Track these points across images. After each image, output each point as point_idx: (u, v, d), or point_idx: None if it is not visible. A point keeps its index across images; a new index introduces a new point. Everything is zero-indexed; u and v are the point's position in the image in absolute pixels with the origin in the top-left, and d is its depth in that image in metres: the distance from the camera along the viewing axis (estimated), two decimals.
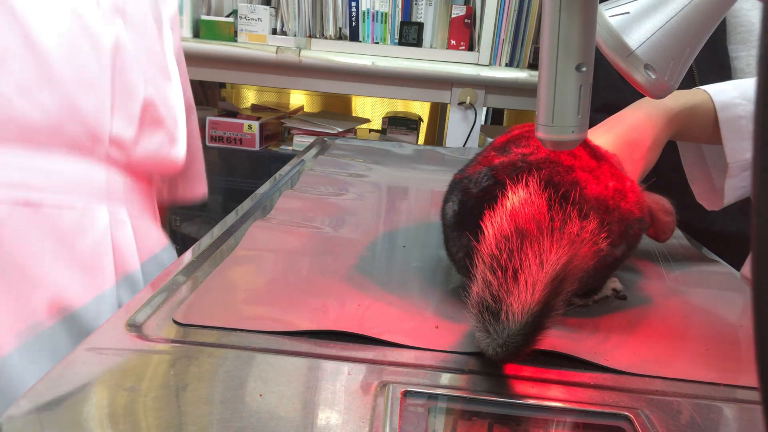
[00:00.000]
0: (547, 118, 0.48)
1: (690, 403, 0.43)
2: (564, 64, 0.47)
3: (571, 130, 0.48)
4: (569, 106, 0.48)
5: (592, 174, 0.53)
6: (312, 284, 0.58)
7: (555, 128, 0.48)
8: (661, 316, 0.58)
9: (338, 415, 0.38)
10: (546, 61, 0.47)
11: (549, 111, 0.48)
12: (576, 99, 0.48)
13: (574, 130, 0.48)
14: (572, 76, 0.47)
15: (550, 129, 0.49)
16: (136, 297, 0.52)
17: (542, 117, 0.49)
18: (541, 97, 0.49)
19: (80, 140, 0.68)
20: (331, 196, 0.89)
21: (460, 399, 0.42)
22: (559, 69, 0.47)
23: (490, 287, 0.42)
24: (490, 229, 0.44)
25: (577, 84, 0.47)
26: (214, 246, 0.66)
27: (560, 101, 0.48)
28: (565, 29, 0.46)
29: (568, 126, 0.48)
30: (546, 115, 0.48)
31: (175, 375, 0.41)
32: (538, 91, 0.49)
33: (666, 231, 0.67)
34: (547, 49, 0.47)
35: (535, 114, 0.50)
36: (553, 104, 0.48)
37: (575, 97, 0.48)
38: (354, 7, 1.85)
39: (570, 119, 0.48)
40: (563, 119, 0.48)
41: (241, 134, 1.94)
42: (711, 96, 0.73)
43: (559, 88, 0.48)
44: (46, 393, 0.38)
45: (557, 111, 0.48)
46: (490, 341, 0.43)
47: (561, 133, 0.48)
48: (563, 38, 0.46)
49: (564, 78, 0.47)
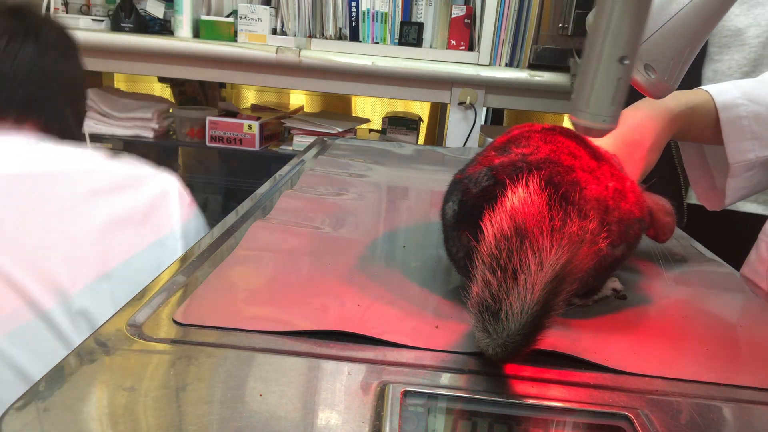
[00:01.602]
0: (583, 103, 0.50)
1: (690, 403, 0.43)
2: (608, 54, 0.48)
3: (602, 119, 0.50)
4: (605, 95, 0.49)
5: (593, 174, 0.53)
6: (312, 284, 0.58)
7: (588, 114, 0.50)
8: (661, 316, 0.58)
9: (338, 415, 0.38)
10: (592, 48, 0.49)
11: (586, 97, 0.50)
12: (613, 90, 0.49)
13: (605, 120, 0.50)
14: (614, 67, 0.48)
15: (584, 114, 0.50)
16: (136, 297, 0.52)
17: (578, 101, 0.51)
18: (581, 82, 0.50)
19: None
20: (331, 196, 0.89)
21: (460, 399, 0.42)
22: (603, 58, 0.48)
23: (490, 287, 0.42)
24: (490, 229, 0.44)
25: (616, 75, 0.49)
26: (214, 246, 0.66)
27: (598, 90, 0.49)
28: (617, 20, 0.47)
29: (601, 114, 0.50)
30: (582, 100, 0.50)
31: (175, 375, 0.41)
32: (579, 75, 0.51)
33: (666, 232, 0.67)
34: (595, 36, 0.48)
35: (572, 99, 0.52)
36: (591, 91, 0.50)
37: (613, 88, 0.49)
38: (354, 7, 1.85)
39: (604, 108, 0.50)
40: (598, 107, 0.50)
41: (241, 134, 1.94)
42: (712, 96, 0.73)
43: (599, 76, 0.49)
44: (46, 393, 0.38)
45: (593, 98, 0.50)
46: (490, 341, 0.43)
47: (593, 120, 0.50)
48: (613, 29, 0.47)
49: (606, 68, 0.49)
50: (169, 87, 2.38)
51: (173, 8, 1.86)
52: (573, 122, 0.51)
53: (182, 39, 1.83)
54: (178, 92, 2.34)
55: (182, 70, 1.89)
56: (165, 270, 0.58)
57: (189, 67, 1.88)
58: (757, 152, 0.73)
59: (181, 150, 2.27)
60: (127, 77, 2.44)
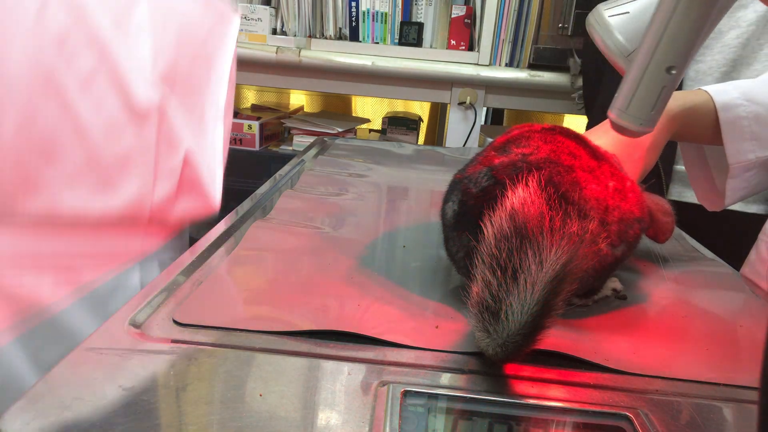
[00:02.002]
0: (624, 103, 0.51)
1: (690, 403, 0.43)
2: (658, 61, 0.48)
3: (640, 122, 0.51)
4: (647, 101, 0.50)
5: (592, 174, 0.53)
6: (312, 284, 0.58)
7: (627, 115, 0.51)
8: (661, 316, 0.58)
9: (338, 415, 0.38)
10: (643, 51, 0.49)
11: (628, 98, 0.50)
12: (655, 97, 0.50)
13: (642, 123, 0.51)
14: (660, 76, 0.49)
15: (623, 114, 0.51)
16: (136, 297, 0.52)
17: (620, 101, 0.51)
18: (626, 81, 0.51)
19: (122, 222, 0.69)
20: (331, 196, 0.89)
21: (460, 399, 0.42)
22: (651, 64, 0.49)
23: (490, 287, 0.42)
24: (490, 228, 0.44)
25: (661, 84, 0.49)
26: (214, 246, 0.66)
27: (641, 94, 0.50)
28: (673, 29, 0.47)
29: (639, 117, 0.51)
30: (624, 101, 0.51)
31: (175, 375, 0.41)
32: (626, 74, 0.51)
33: (665, 232, 0.67)
34: (649, 41, 0.48)
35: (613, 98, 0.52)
36: (633, 94, 0.50)
37: (656, 95, 0.50)
38: (354, 7, 1.85)
39: (643, 113, 0.50)
40: (638, 110, 0.50)
41: (241, 134, 1.94)
42: (712, 96, 0.73)
43: (645, 81, 0.49)
44: (46, 393, 0.38)
45: (635, 101, 0.50)
46: (490, 341, 0.43)
47: (631, 121, 0.51)
48: (667, 37, 0.47)
49: (652, 75, 0.49)
50: None
51: None
52: (611, 119, 0.52)
53: None
54: None
55: None
56: (165, 270, 0.58)
57: None
58: (757, 153, 0.73)
59: None
60: None
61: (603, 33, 0.54)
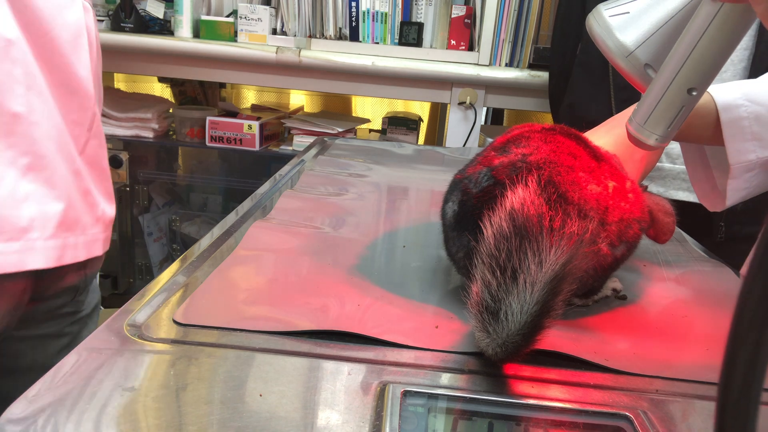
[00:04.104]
0: (643, 117, 0.52)
1: (690, 403, 0.43)
2: (680, 82, 0.49)
3: (655, 138, 0.52)
4: (665, 118, 0.51)
5: (593, 174, 0.53)
6: (312, 284, 0.58)
7: (643, 129, 0.52)
8: (661, 316, 0.58)
9: (338, 415, 0.38)
10: (667, 71, 0.50)
11: (646, 113, 0.52)
12: (673, 115, 0.51)
13: (657, 139, 0.52)
14: (681, 96, 0.50)
15: (639, 128, 0.53)
16: (136, 297, 0.52)
17: (639, 114, 0.53)
18: (647, 97, 0.52)
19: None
20: (331, 196, 0.89)
21: (460, 399, 0.42)
22: (673, 84, 0.50)
23: (490, 287, 0.42)
24: (490, 229, 0.44)
25: (681, 103, 0.50)
26: (214, 246, 0.66)
27: (659, 111, 0.51)
28: (700, 52, 0.48)
29: (654, 133, 0.52)
30: (643, 115, 0.52)
31: (175, 375, 0.41)
32: (648, 89, 0.52)
33: (666, 232, 0.67)
34: (675, 60, 0.49)
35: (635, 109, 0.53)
36: (652, 109, 0.51)
37: (674, 113, 0.51)
38: (354, 7, 1.85)
39: (660, 128, 0.52)
40: (654, 126, 0.52)
41: (241, 134, 1.94)
42: (713, 96, 0.73)
43: (665, 99, 0.51)
44: (46, 393, 0.38)
45: (653, 117, 0.52)
46: (489, 341, 0.43)
47: (646, 136, 0.52)
48: (693, 60, 0.48)
49: (673, 94, 0.50)
50: (169, 87, 2.37)
51: (173, 8, 1.86)
52: (629, 131, 0.54)
53: (182, 39, 1.83)
54: (178, 92, 2.34)
55: (182, 70, 1.89)
56: (165, 270, 0.58)
57: (189, 67, 1.88)
58: (758, 153, 0.73)
59: (181, 150, 2.27)
60: (127, 77, 2.44)
61: (603, 33, 0.54)
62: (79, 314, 0.83)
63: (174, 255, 2.20)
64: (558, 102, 1.57)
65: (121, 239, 2.04)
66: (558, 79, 1.54)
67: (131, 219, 2.07)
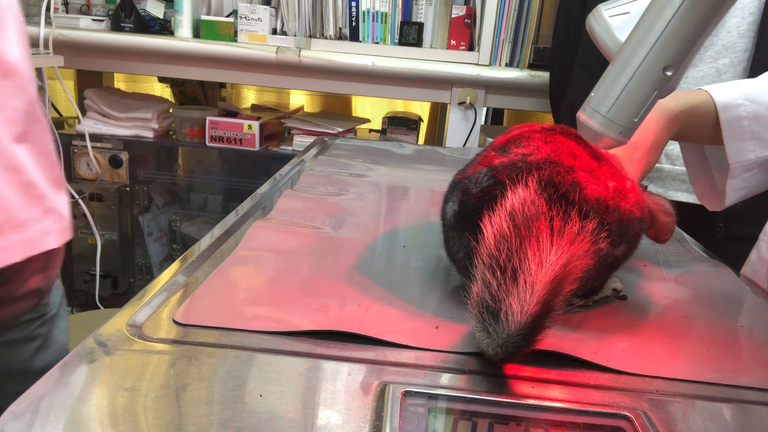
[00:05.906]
0: (603, 106, 0.44)
1: (690, 403, 0.43)
2: (653, 60, 0.42)
3: (619, 130, 0.44)
4: (633, 105, 0.43)
5: (593, 174, 0.53)
6: (312, 284, 0.58)
7: (604, 120, 0.44)
8: (661, 316, 0.58)
9: (338, 415, 0.38)
10: (635, 48, 0.42)
11: (609, 100, 0.43)
12: (643, 102, 0.43)
13: (621, 132, 0.44)
14: (655, 76, 0.42)
15: (599, 118, 0.44)
16: (136, 297, 0.52)
17: (599, 103, 0.44)
18: (607, 81, 0.43)
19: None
20: (331, 196, 0.89)
21: (460, 399, 0.42)
22: (645, 62, 0.42)
23: (490, 287, 0.42)
24: (490, 229, 0.44)
25: (654, 86, 0.43)
26: (214, 246, 0.66)
27: (627, 96, 0.43)
28: (677, 23, 0.40)
29: (619, 124, 0.44)
30: (603, 103, 0.43)
31: (175, 375, 0.41)
32: (608, 73, 0.44)
33: (666, 232, 0.67)
34: (644, 36, 0.42)
35: (590, 96, 0.44)
36: (618, 95, 0.43)
37: (644, 99, 0.43)
38: (354, 7, 1.85)
39: (625, 119, 0.44)
40: (619, 115, 0.43)
41: (241, 134, 1.94)
42: (712, 96, 0.73)
43: (635, 81, 0.42)
44: (46, 393, 0.38)
45: (618, 104, 0.43)
46: (490, 341, 0.43)
47: (607, 127, 0.44)
48: (669, 33, 0.41)
49: (645, 74, 0.42)
50: (169, 87, 2.38)
51: (173, 8, 1.86)
52: (582, 122, 0.45)
53: (182, 39, 1.83)
54: (178, 92, 2.34)
55: (182, 70, 1.89)
56: (165, 270, 0.58)
57: (189, 67, 1.88)
58: (757, 152, 0.73)
59: (181, 150, 2.27)
60: (127, 77, 2.44)
61: (603, 33, 0.54)
62: (45, 316, 0.79)
63: (174, 255, 2.20)
64: (558, 102, 1.57)
65: (121, 239, 2.04)
66: (558, 79, 1.55)
67: (131, 219, 2.07)
